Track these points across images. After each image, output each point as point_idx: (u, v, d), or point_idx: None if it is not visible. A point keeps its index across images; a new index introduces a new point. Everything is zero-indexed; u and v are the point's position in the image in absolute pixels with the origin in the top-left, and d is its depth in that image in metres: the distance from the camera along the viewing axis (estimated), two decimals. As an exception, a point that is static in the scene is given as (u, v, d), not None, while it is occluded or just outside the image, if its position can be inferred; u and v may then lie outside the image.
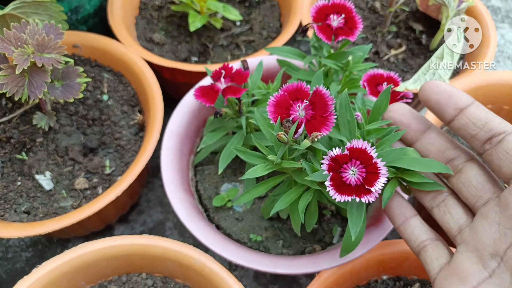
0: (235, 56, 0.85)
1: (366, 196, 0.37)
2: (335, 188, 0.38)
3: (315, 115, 0.43)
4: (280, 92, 0.44)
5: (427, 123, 0.46)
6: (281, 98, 0.44)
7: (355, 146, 0.38)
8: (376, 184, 0.37)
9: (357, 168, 0.38)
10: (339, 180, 0.38)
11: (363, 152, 0.38)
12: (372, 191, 0.37)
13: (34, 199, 0.64)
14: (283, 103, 0.44)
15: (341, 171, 0.38)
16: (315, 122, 0.43)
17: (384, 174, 0.37)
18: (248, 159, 0.48)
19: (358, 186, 0.38)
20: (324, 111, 0.43)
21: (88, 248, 0.55)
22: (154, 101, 0.69)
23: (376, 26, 0.87)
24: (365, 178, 0.38)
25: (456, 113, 0.41)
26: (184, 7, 0.84)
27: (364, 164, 0.38)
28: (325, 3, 0.56)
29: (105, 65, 0.77)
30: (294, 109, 0.44)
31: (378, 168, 0.37)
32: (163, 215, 0.82)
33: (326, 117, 0.42)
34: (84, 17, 0.82)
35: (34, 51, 0.55)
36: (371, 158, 0.38)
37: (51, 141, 0.67)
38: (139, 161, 0.64)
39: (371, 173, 0.38)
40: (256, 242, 0.61)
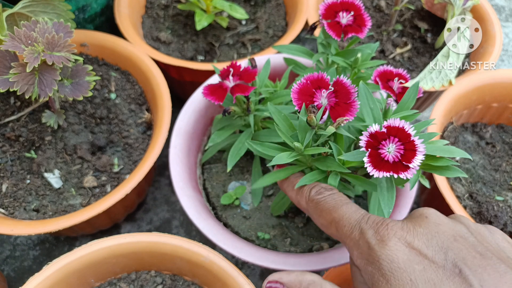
0: (241, 55, 0.86)
1: (404, 172, 0.37)
2: (373, 165, 0.38)
3: (339, 102, 0.44)
4: (302, 81, 0.45)
5: None
6: (304, 86, 0.45)
7: (392, 125, 0.39)
8: (414, 160, 0.37)
9: (395, 145, 0.39)
10: (377, 156, 0.39)
11: (401, 130, 0.39)
12: (410, 167, 0.37)
13: (43, 197, 0.65)
14: (306, 91, 0.45)
15: (379, 148, 0.39)
16: (339, 108, 0.44)
17: (421, 151, 0.38)
18: (265, 151, 0.48)
19: (395, 163, 0.38)
20: (347, 98, 0.44)
21: (98, 246, 0.55)
22: (162, 100, 0.70)
23: (381, 24, 0.88)
24: (403, 155, 0.38)
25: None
26: (190, 6, 0.85)
27: (402, 142, 0.39)
28: (334, 0, 0.56)
29: (112, 64, 0.78)
30: (318, 96, 0.45)
31: (415, 145, 0.38)
32: (169, 213, 0.83)
33: (350, 103, 0.44)
34: (91, 16, 0.82)
35: (44, 49, 0.56)
36: (409, 136, 0.38)
37: (60, 139, 0.68)
38: (148, 160, 0.64)
39: (409, 150, 0.38)
40: (264, 240, 0.61)
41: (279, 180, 0.49)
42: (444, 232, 0.34)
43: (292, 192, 0.47)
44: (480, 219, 0.65)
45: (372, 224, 0.36)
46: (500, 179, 0.71)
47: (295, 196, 0.46)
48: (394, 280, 0.32)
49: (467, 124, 0.78)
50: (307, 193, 0.44)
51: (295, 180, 0.47)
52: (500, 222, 0.64)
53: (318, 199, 0.42)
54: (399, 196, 0.59)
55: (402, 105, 0.50)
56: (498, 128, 0.79)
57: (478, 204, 0.66)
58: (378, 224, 0.36)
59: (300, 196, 0.45)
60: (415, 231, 0.34)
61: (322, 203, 0.42)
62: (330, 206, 0.41)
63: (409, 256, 0.33)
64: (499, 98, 0.76)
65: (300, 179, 0.46)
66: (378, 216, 0.37)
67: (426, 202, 0.75)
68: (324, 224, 0.41)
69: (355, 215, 0.38)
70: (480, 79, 0.74)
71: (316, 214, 0.42)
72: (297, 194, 0.46)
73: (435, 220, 0.35)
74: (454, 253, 0.32)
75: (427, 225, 0.35)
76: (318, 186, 0.44)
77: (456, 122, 0.75)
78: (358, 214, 0.38)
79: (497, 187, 0.70)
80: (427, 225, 0.35)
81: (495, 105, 0.77)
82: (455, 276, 0.31)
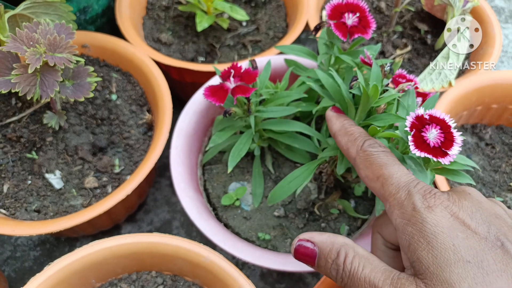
0: (242, 56, 0.86)
1: (442, 158, 0.40)
2: (415, 145, 0.40)
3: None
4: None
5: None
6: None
7: (434, 115, 0.42)
8: (453, 149, 0.40)
9: (437, 131, 0.41)
10: (420, 138, 0.41)
11: (442, 121, 0.41)
12: (449, 154, 0.40)
13: (45, 197, 0.65)
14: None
15: (422, 131, 0.41)
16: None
17: (458, 143, 0.40)
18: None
19: (435, 148, 0.40)
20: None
21: (99, 246, 0.55)
22: (163, 101, 0.70)
23: (381, 26, 0.88)
24: (443, 143, 0.40)
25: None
26: (191, 7, 0.85)
27: (443, 131, 0.41)
28: (339, 1, 0.57)
29: (113, 65, 0.78)
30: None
31: (454, 136, 0.41)
32: (170, 214, 0.83)
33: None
34: (92, 17, 0.82)
35: (46, 50, 0.56)
36: (449, 127, 0.41)
37: (61, 140, 0.68)
38: (149, 160, 0.64)
39: (448, 140, 0.41)
40: (264, 240, 0.61)
41: (329, 123, 0.49)
42: (486, 209, 0.36)
43: (344, 137, 0.46)
44: (480, 220, 0.65)
45: (420, 189, 0.37)
46: (500, 180, 0.71)
47: (345, 143, 0.45)
48: (436, 242, 0.33)
49: (467, 125, 0.78)
50: (360, 142, 0.44)
51: (349, 127, 0.46)
52: (500, 223, 0.64)
53: (371, 151, 0.42)
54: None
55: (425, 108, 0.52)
56: (497, 129, 0.79)
57: (478, 205, 0.66)
58: (426, 192, 0.36)
59: (351, 143, 0.44)
60: (460, 203, 0.36)
61: (374, 157, 0.42)
62: (381, 162, 0.41)
63: (453, 223, 0.34)
64: (499, 99, 0.76)
65: (355, 125, 0.46)
66: (426, 184, 0.38)
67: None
68: (369, 176, 0.41)
69: (405, 177, 0.39)
70: (479, 81, 0.74)
71: (364, 166, 0.42)
72: (348, 140, 0.45)
73: (478, 198, 0.37)
74: (496, 228, 0.34)
75: (471, 200, 0.36)
76: (373, 140, 0.44)
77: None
78: (408, 177, 0.39)
79: (496, 188, 0.70)
80: (471, 199, 0.36)
81: (494, 106, 0.77)
82: (497, 248, 0.33)
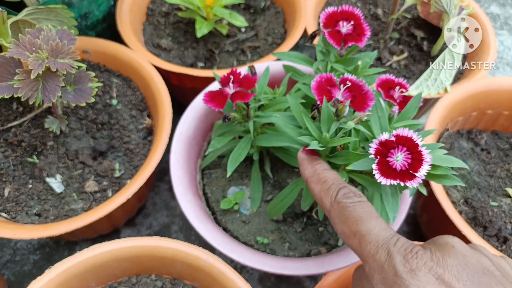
0: (241, 62, 0.87)
1: (410, 181, 0.38)
2: (381, 172, 0.39)
3: (355, 95, 0.47)
4: (317, 79, 0.49)
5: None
6: (320, 84, 0.49)
7: (401, 134, 0.40)
8: (421, 170, 0.38)
9: (403, 154, 0.40)
10: (385, 164, 0.40)
11: (409, 140, 0.40)
12: (417, 176, 0.38)
13: (45, 201, 0.66)
14: (323, 88, 0.48)
15: (387, 156, 0.40)
16: (358, 99, 0.47)
17: (428, 161, 0.39)
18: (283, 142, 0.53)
19: (403, 171, 0.39)
20: (360, 90, 0.47)
21: (99, 250, 0.56)
22: (163, 106, 0.71)
23: (378, 32, 0.89)
24: (410, 164, 0.39)
25: None
26: (190, 14, 0.86)
27: (410, 151, 0.40)
28: (334, 10, 0.58)
29: (114, 70, 0.79)
30: (334, 93, 0.48)
31: (422, 155, 0.39)
32: (168, 218, 0.84)
33: (365, 93, 0.47)
34: (93, 23, 0.83)
35: (48, 56, 0.57)
36: (417, 146, 0.39)
37: (62, 144, 0.69)
38: (149, 165, 0.65)
39: (416, 160, 0.39)
40: (262, 244, 0.62)
41: (301, 167, 0.46)
42: (472, 264, 0.34)
43: (316, 185, 0.42)
44: (475, 224, 0.66)
45: (400, 249, 0.34)
46: (495, 184, 0.72)
47: (318, 191, 0.42)
48: None
49: (462, 130, 0.79)
50: (334, 192, 0.40)
51: (322, 173, 0.43)
52: (495, 227, 0.65)
53: (345, 204, 0.39)
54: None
55: (404, 115, 0.51)
56: (493, 135, 0.80)
57: (473, 210, 0.67)
58: (407, 251, 0.34)
59: (325, 192, 0.41)
60: (444, 262, 0.33)
61: (350, 210, 0.38)
62: (357, 216, 0.37)
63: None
64: (494, 105, 0.77)
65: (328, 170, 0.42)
66: (406, 240, 0.35)
67: (423, 208, 0.77)
68: (345, 233, 0.38)
69: (384, 234, 0.36)
70: (474, 87, 0.75)
71: (339, 220, 0.39)
72: (321, 189, 0.41)
73: (462, 251, 0.35)
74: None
75: (455, 256, 0.34)
76: (347, 188, 0.40)
77: (451, 129, 0.77)
78: (387, 233, 0.36)
79: (491, 192, 0.71)
80: (455, 256, 0.34)
81: (489, 112, 0.78)
82: None
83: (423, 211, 0.76)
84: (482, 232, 0.66)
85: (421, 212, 0.78)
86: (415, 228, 0.83)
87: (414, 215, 0.84)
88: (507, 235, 0.65)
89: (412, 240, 0.37)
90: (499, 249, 0.65)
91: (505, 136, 0.80)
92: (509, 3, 1.25)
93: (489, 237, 0.65)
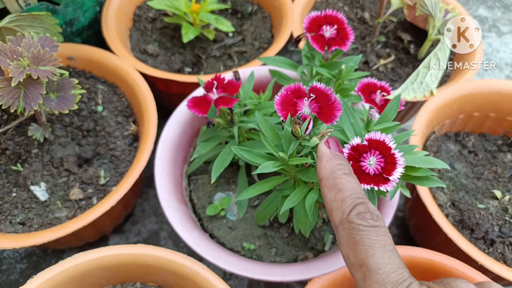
0: (228, 67, 0.87)
1: (384, 185, 0.38)
2: None
3: (322, 106, 0.45)
4: (283, 92, 0.46)
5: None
6: (286, 97, 0.46)
7: (373, 138, 0.40)
8: (394, 173, 0.38)
9: (376, 158, 0.39)
10: (359, 169, 0.39)
11: (382, 143, 0.40)
12: (391, 180, 0.38)
13: (29, 210, 0.65)
14: (288, 101, 0.46)
15: (360, 160, 0.40)
16: (325, 110, 0.45)
17: (401, 164, 0.39)
18: (252, 159, 0.49)
19: (376, 176, 0.39)
20: (328, 100, 0.45)
21: (83, 258, 0.55)
22: (148, 112, 0.70)
23: (365, 36, 0.89)
24: (384, 168, 0.39)
25: None
26: (177, 19, 0.86)
27: (383, 155, 0.39)
28: (318, 14, 0.58)
29: (99, 77, 0.78)
30: (300, 105, 0.46)
31: (395, 158, 0.39)
32: (157, 225, 0.83)
33: (333, 103, 0.45)
34: (78, 30, 0.83)
35: (30, 63, 0.56)
36: (389, 149, 0.39)
37: (46, 152, 0.68)
38: (133, 172, 0.65)
39: (389, 163, 0.39)
40: (249, 250, 0.62)
41: (319, 163, 0.39)
42: None
43: (330, 191, 0.36)
44: (462, 227, 0.66)
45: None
46: (482, 187, 0.72)
47: (330, 200, 0.35)
48: None
49: (450, 133, 0.80)
50: (349, 207, 0.34)
51: (341, 178, 0.36)
52: (482, 230, 0.65)
53: (358, 226, 0.33)
54: (381, 205, 0.60)
55: (384, 117, 0.51)
56: (480, 137, 0.80)
57: (460, 212, 0.67)
58: None
59: (337, 204, 0.35)
60: None
61: (361, 235, 0.32)
62: (369, 244, 0.32)
63: None
64: (480, 107, 0.77)
65: (348, 176, 0.36)
66: (419, 285, 0.31)
67: (411, 211, 0.76)
68: (350, 259, 0.33)
69: (395, 276, 0.31)
70: (460, 89, 0.75)
71: (347, 243, 0.33)
72: (335, 198, 0.35)
73: None
74: None
75: None
76: (365, 206, 0.34)
77: (438, 132, 0.77)
78: (398, 275, 0.31)
79: (479, 195, 0.71)
80: None
81: (476, 115, 0.79)
82: None
83: (411, 214, 0.76)
84: (469, 234, 0.66)
85: (409, 215, 0.78)
86: (404, 231, 0.83)
87: (403, 218, 0.84)
88: (494, 237, 0.65)
89: (402, 243, 0.35)
90: (486, 251, 0.65)
91: (493, 138, 0.80)
92: (497, 5, 1.26)
93: (476, 240, 0.65)
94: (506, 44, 1.18)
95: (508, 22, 1.22)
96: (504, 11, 1.25)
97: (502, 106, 0.77)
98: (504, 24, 1.22)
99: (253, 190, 0.51)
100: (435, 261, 0.59)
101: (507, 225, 0.67)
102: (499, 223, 0.67)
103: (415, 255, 0.59)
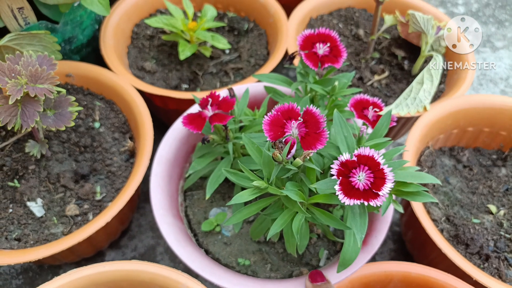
0: (224, 83, 0.88)
1: (374, 200, 0.39)
2: (344, 193, 0.40)
3: (309, 132, 0.45)
4: (273, 112, 0.47)
5: None
6: (275, 118, 0.46)
7: (362, 153, 0.41)
8: (383, 188, 0.39)
9: (365, 173, 0.40)
10: (348, 184, 0.40)
11: (371, 159, 0.40)
12: (380, 195, 0.39)
13: (25, 226, 0.65)
14: (277, 122, 0.46)
15: (350, 176, 0.40)
16: (310, 138, 0.45)
17: (390, 179, 0.39)
18: (239, 181, 0.49)
19: (366, 191, 0.39)
20: (317, 128, 0.45)
21: (77, 275, 0.55)
22: (144, 128, 0.71)
23: (360, 52, 0.91)
24: (373, 183, 0.39)
25: None
26: (174, 37, 0.87)
27: (372, 170, 0.40)
28: (311, 32, 0.59)
29: (97, 93, 0.79)
30: (288, 127, 0.46)
31: (385, 173, 0.40)
32: (154, 240, 0.83)
33: (320, 133, 0.45)
34: (77, 47, 0.84)
35: (27, 81, 0.57)
36: (378, 164, 0.40)
37: (43, 168, 0.69)
38: (129, 187, 0.65)
39: (379, 178, 0.40)
40: (244, 266, 0.62)
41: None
42: None
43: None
44: (457, 242, 0.66)
45: None
46: (477, 201, 0.73)
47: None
48: None
49: (444, 147, 0.80)
50: None
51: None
52: (476, 245, 0.65)
53: None
54: (374, 221, 0.60)
55: (376, 133, 0.52)
56: (475, 151, 0.81)
57: (455, 227, 0.67)
58: None
59: None
60: None
61: None
62: None
63: None
64: (474, 122, 0.78)
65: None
66: None
67: (406, 226, 0.76)
68: None
69: None
70: (454, 105, 0.76)
71: None
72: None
73: None
74: None
75: None
76: None
77: (433, 147, 0.77)
78: None
79: (474, 209, 0.71)
80: None
81: (470, 129, 0.79)
82: None
83: (407, 229, 0.76)
84: (464, 250, 0.66)
85: (405, 230, 0.78)
86: (400, 246, 0.83)
87: (400, 233, 0.84)
88: (489, 252, 0.65)
89: (398, 258, 0.36)
90: (481, 266, 0.65)
91: (487, 152, 0.80)
92: (490, 21, 1.28)
93: (471, 255, 0.65)
94: (501, 59, 1.19)
95: (502, 37, 1.24)
96: (498, 27, 1.27)
97: (495, 121, 0.78)
98: (498, 39, 1.24)
99: (239, 215, 0.51)
100: (430, 277, 0.59)
101: (502, 240, 0.67)
102: (494, 238, 0.67)
103: (409, 270, 0.59)
